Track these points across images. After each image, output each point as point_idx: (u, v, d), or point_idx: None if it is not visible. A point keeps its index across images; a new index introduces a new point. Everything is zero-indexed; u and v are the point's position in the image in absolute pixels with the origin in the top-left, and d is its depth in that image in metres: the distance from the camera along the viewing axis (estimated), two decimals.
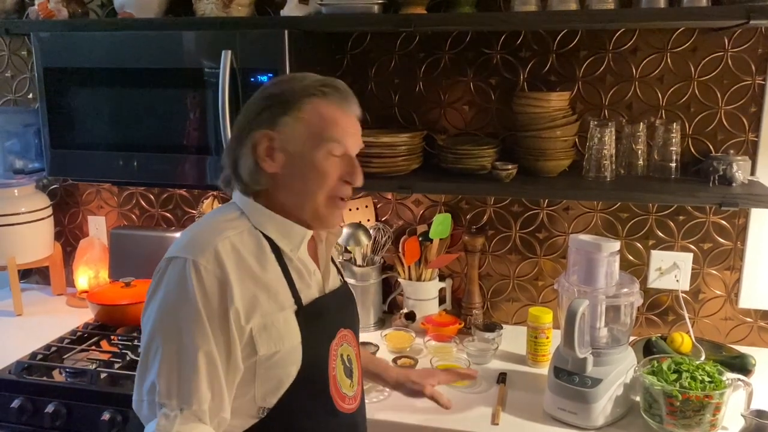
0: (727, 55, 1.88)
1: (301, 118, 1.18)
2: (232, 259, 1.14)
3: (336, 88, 1.21)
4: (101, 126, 1.92)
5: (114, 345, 2.00)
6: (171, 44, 1.82)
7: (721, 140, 1.93)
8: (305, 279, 1.23)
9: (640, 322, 2.08)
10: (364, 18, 1.82)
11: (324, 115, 1.18)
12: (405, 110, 2.13)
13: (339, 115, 1.20)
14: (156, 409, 1.10)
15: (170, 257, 1.15)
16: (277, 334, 1.15)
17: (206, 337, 1.10)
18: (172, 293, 1.12)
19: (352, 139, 1.22)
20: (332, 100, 1.20)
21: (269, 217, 1.21)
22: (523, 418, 1.61)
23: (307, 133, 1.18)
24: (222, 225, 1.19)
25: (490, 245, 2.16)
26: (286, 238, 1.22)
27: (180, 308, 1.11)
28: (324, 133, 1.18)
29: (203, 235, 1.17)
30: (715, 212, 1.98)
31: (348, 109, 1.22)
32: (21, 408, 1.76)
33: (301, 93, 1.19)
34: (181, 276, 1.11)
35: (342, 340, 1.28)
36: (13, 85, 2.44)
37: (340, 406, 1.25)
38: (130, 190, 2.42)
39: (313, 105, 1.18)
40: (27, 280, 2.57)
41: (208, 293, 1.10)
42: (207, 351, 1.10)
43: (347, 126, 1.21)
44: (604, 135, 1.85)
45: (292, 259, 1.22)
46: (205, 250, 1.12)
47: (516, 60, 2.02)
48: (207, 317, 1.10)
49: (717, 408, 1.47)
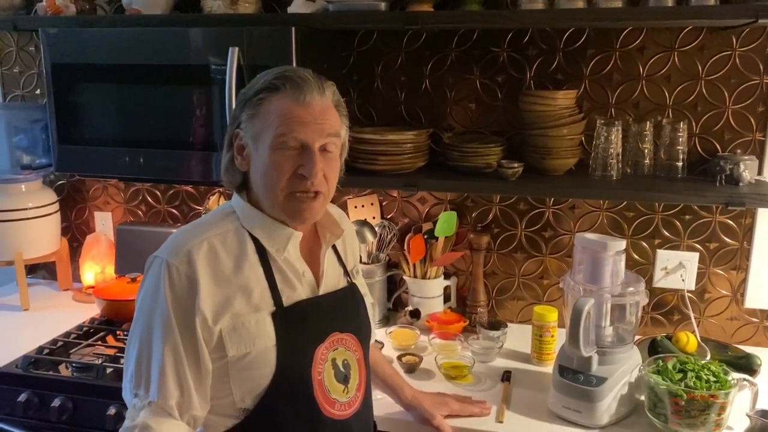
0: (735, 55, 1.88)
1: (255, 114, 1.18)
2: (206, 260, 1.16)
3: (289, 79, 1.17)
4: (108, 122, 1.92)
5: (120, 340, 2.00)
6: (178, 41, 1.82)
7: (728, 140, 1.92)
8: (290, 280, 1.22)
9: (645, 321, 2.07)
10: (371, 15, 1.82)
11: (274, 109, 1.16)
12: (411, 108, 2.13)
13: (290, 106, 1.15)
14: (131, 397, 1.16)
15: (153, 256, 1.19)
16: (248, 336, 1.16)
17: (173, 336, 1.13)
18: (148, 291, 1.17)
19: (307, 128, 1.15)
20: (284, 93, 1.16)
21: (257, 217, 1.22)
22: (527, 416, 1.61)
23: (260, 129, 1.18)
24: (207, 225, 1.22)
25: (496, 243, 2.16)
26: (271, 238, 1.22)
27: (152, 306, 1.15)
28: (273, 126, 1.16)
29: (184, 236, 1.20)
30: (721, 212, 1.98)
31: (302, 98, 1.15)
32: (27, 402, 1.77)
33: (257, 90, 1.19)
34: (156, 275, 1.16)
35: (336, 344, 1.26)
36: (21, 80, 2.45)
37: (328, 412, 1.22)
38: (137, 186, 2.43)
39: (265, 100, 1.17)
40: (34, 275, 2.58)
41: (176, 293, 1.14)
42: (173, 348, 1.13)
43: (299, 116, 1.15)
44: (610, 134, 1.85)
45: (277, 260, 1.22)
46: (180, 252, 1.16)
47: (523, 58, 2.01)
48: (175, 316, 1.13)
49: (722, 408, 1.47)
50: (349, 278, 1.37)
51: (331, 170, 1.21)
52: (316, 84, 1.18)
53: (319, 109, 1.17)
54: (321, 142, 1.18)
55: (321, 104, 1.18)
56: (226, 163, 1.24)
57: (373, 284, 2.12)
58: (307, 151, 1.16)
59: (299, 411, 1.20)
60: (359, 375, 1.30)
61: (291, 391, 1.19)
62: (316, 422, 1.21)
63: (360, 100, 2.16)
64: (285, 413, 1.18)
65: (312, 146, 1.16)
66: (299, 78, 1.17)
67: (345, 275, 1.36)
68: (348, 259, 1.41)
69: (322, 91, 1.18)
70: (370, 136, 1.91)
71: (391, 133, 1.93)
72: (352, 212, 2.20)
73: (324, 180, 1.19)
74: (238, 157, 1.22)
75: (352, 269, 1.42)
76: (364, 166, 1.90)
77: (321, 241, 1.31)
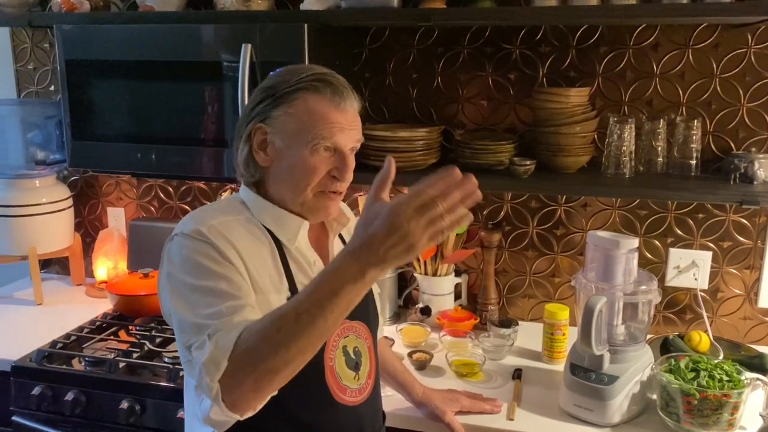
0: (750, 52, 1.86)
1: (290, 113, 1.18)
2: (227, 236, 1.15)
3: (328, 83, 1.18)
4: (121, 118, 1.94)
5: (132, 335, 2.02)
6: (191, 37, 1.83)
7: (742, 138, 1.91)
8: (303, 269, 1.24)
9: (657, 320, 2.06)
10: (383, 12, 1.81)
11: (313, 110, 1.17)
12: (423, 105, 2.13)
13: (329, 110, 1.17)
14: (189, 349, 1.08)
15: (171, 236, 1.18)
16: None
17: (211, 273, 1.10)
18: (175, 261, 1.14)
19: (343, 134, 1.19)
20: (323, 95, 1.17)
21: (267, 208, 1.23)
22: (538, 414, 1.61)
23: (296, 128, 1.17)
24: (222, 209, 1.23)
25: (507, 241, 2.15)
26: (283, 228, 1.23)
27: (182, 269, 1.13)
28: (312, 128, 1.16)
29: (201, 215, 1.19)
30: (735, 210, 1.96)
31: (341, 103, 1.18)
32: (41, 395, 1.79)
33: (292, 87, 1.18)
34: (181, 245, 1.14)
35: (347, 331, 1.27)
36: (35, 77, 2.47)
37: (339, 398, 1.24)
38: (149, 182, 2.45)
39: (302, 100, 1.17)
40: (47, 270, 2.60)
41: (204, 252, 1.11)
42: (221, 275, 1.10)
43: (338, 121, 1.18)
44: (623, 131, 1.84)
45: (290, 249, 1.23)
46: (200, 226, 1.14)
47: (535, 55, 2.01)
48: (209, 260, 1.11)
49: (735, 407, 1.46)
50: None
51: (352, 169, 1.24)
52: (350, 90, 1.21)
53: (352, 115, 1.21)
54: (351, 146, 1.22)
55: (354, 111, 1.22)
56: (244, 156, 1.23)
57: (383, 281, 2.12)
58: (340, 154, 1.20)
59: (311, 396, 1.21)
60: (370, 363, 1.32)
61: (304, 375, 1.19)
62: (329, 408, 1.22)
63: (372, 97, 2.16)
64: (297, 398, 1.19)
65: (345, 151, 1.20)
66: (339, 84, 1.20)
67: None
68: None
69: (353, 98, 1.22)
70: (381, 133, 1.91)
71: (402, 130, 1.93)
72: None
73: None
74: (260, 152, 1.21)
75: None
76: (376, 163, 1.90)
77: (328, 230, 1.33)
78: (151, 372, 1.78)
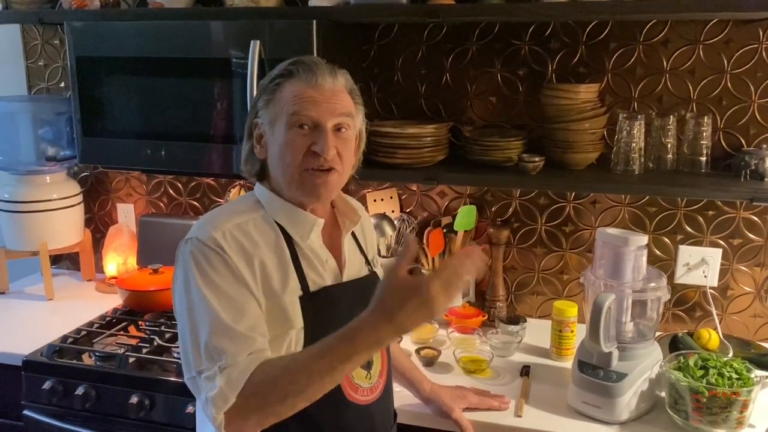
0: (761, 48, 1.85)
1: (270, 100, 1.21)
2: (240, 242, 1.17)
3: (302, 63, 1.21)
4: (131, 115, 1.95)
5: (142, 330, 2.03)
6: (200, 34, 1.83)
7: (753, 134, 1.90)
8: (315, 267, 1.25)
9: (666, 317, 2.05)
10: (392, 8, 1.81)
11: (288, 92, 1.19)
12: (431, 101, 2.13)
13: (303, 88, 1.19)
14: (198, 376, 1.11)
15: (185, 239, 1.19)
16: (284, 317, 1.18)
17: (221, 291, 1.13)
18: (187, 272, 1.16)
19: (318, 107, 1.18)
20: (298, 77, 1.19)
21: (280, 205, 1.25)
22: (546, 410, 1.60)
23: (276, 113, 1.20)
24: (237, 211, 1.24)
25: (515, 238, 2.15)
26: (296, 225, 1.24)
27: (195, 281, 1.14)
28: (287, 108, 1.19)
29: (216, 219, 1.21)
30: (745, 207, 1.95)
31: (313, 80, 1.19)
32: (52, 390, 1.80)
33: (274, 78, 1.22)
34: (192, 255, 1.15)
35: None
36: (45, 73, 2.48)
37: (351, 396, 1.24)
38: (159, 178, 2.46)
39: (280, 87, 1.21)
40: (58, 265, 2.62)
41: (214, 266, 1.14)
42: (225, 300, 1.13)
43: (311, 96, 1.18)
44: (633, 128, 1.83)
45: (302, 247, 1.24)
46: (214, 232, 1.16)
47: (545, 51, 2.00)
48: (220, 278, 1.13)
49: (744, 405, 1.45)
50: (371, 267, 1.39)
51: (345, 149, 1.22)
52: (327, 67, 1.22)
53: (330, 90, 1.20)
54: (334, 121, 1.20)
55: (333, 86, 1.21)
56: (246, 152, 1.28)
57: None
58: (319, 129, 1.19)
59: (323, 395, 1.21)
60: (381, 362, 1.32)
61: None
62: (340, 406, 1.23)
63: (380, 94, 2.16)
64: None
65: (324, 124, 1.19)
66: (311, 62, 1.22)
67: (366, 264, 1.38)
68: (368, 249, 1.43)
69: (334, 74, 1.22)
70: (390, 130, 1.91)
71: (411, 127, 1.93)
72: (372, 206, 2.20)
73: (338, 157, 1.21)
74: (257, 146, 1.25)
75: (372, 259, 1.43)
76: (384, 159, 1.90)
77: (341, 229, 1.33)
78: (161, 367, 1.80)
